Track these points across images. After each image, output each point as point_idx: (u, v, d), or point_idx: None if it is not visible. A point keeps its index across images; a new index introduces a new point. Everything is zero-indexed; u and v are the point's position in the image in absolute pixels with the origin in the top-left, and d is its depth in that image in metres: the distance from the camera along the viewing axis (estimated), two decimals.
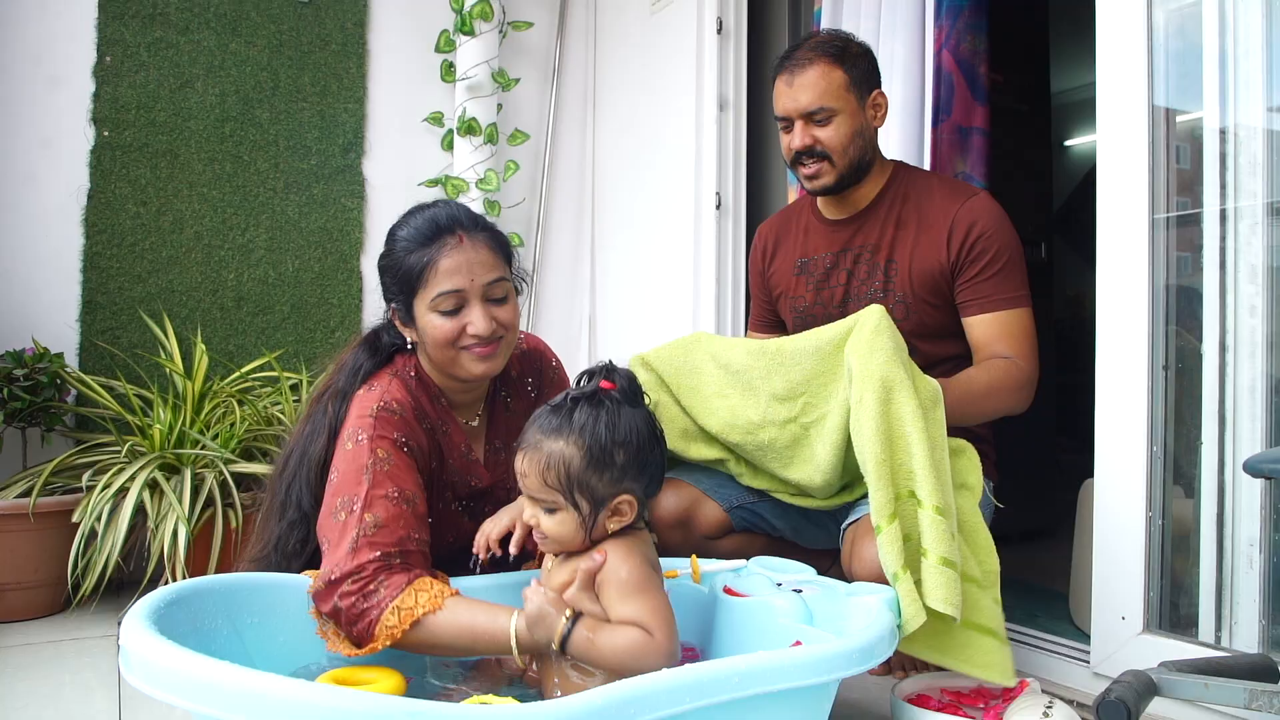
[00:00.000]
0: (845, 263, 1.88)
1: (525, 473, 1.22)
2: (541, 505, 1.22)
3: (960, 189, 1.82)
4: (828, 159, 1.79)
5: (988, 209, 1.76)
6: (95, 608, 2.24)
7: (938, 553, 1.31)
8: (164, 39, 2.70)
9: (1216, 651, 1.47)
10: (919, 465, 1.36)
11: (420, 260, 1.42)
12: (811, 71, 1.77)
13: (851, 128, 1.78)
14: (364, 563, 1.25)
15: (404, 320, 1.49)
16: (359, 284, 2.97)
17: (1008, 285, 1.72)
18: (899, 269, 1.80)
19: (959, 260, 1.75)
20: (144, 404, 2.46)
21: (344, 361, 1.54)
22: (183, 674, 0.91)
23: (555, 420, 1.21)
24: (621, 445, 1.20)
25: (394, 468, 1.37)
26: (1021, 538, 2.89)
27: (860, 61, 1.80)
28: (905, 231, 1.81)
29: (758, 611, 1.36)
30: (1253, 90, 1.52)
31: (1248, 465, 1.14)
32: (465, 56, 3.04)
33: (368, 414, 1.41)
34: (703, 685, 0.99)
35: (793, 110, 1.79)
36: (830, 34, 1.86)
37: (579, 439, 1.19)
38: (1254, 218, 1.51)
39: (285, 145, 2.88)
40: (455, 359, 1.45)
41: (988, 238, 1.73)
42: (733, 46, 2.80)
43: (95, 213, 2.61)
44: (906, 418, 1.38)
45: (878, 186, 1.86)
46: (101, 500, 2.10)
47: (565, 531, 1.22)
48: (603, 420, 1.20)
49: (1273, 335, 1.49)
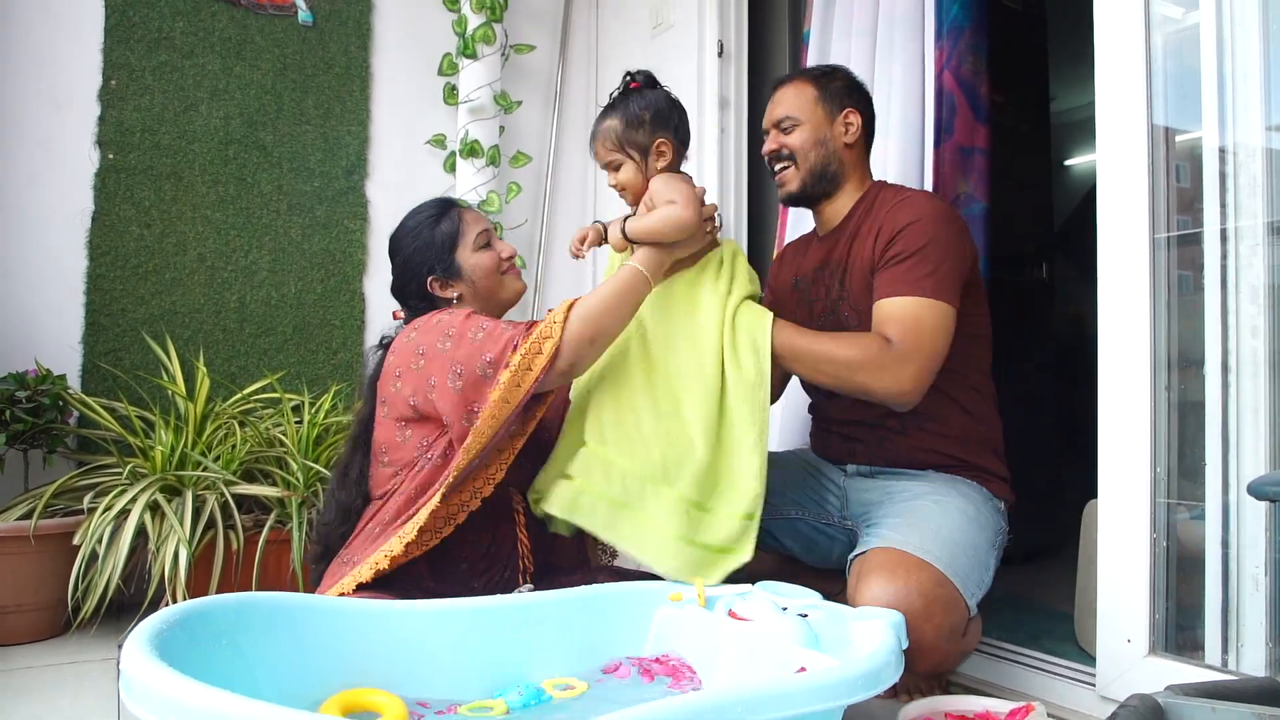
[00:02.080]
0: (824, 278, 1.90)
1: (596, 150, 1.77)
2: (612, 165, 1.76)
3: (903, 192, 1.84)
4: (793, 162, 1.88)
5: (915, 204, 1.77)
6: (95, 630, 2.23)
7: None
8: (169, 63, 2.72)
9: (1223, 675, 1.46)
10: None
11: (451, 224, 1.78)
12: (789, 88, 1.91)
13: (815, 136, 1.87)
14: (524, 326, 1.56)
15: (448, 278, 1.76)
16: (361, 306, 2.98)
17: (911, 273, 1.69)
18: (851, 280, 1.82)
19: (878, 256, 1.76)
20: (146, 425, 2.46)
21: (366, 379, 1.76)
22: (182, 703, 0.90)
23: (607, 110, 1.76)
24: (647, 109, 1.74)
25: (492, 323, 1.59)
26: (1026, 558, 2.87)
27: (838, 82, 1.90)
28: (858, 243, 1.83)
29: (762, 636, 1.35)
30: (1251, 110, 1.53)
31: (1252, 488, 1.14)
32: (468, 79, 3.06)
33: (443, 316, 1.62)
34: (704, 715, 0.98)
35: (768, 122, 1.93)
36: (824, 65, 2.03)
37: (620, 114, 1.74)
38: (1255, 238, 1.51)
39: (289, 168, 2.89)
40: (501, 283, 1.80)
41: (907, 230, 1.72)
42: (733, 69, 2.82)
43: (99, 235, 2.62)
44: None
45: (851, 202, 1.89)
46: (103, 522, 2.09)
47: (630, 176, 1.74)
48: (631, 99, 1.75)
49: (1274, 356, 1.48)
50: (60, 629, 2.27)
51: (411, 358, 1.61)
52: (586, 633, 1.45)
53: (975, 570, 1.60)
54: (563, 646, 1.43)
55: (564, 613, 1.45)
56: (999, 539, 1.74)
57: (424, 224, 1.78)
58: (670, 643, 1.46)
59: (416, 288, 1.77)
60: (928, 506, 1.68)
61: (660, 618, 1.48)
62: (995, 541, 1.72)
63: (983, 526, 1.69)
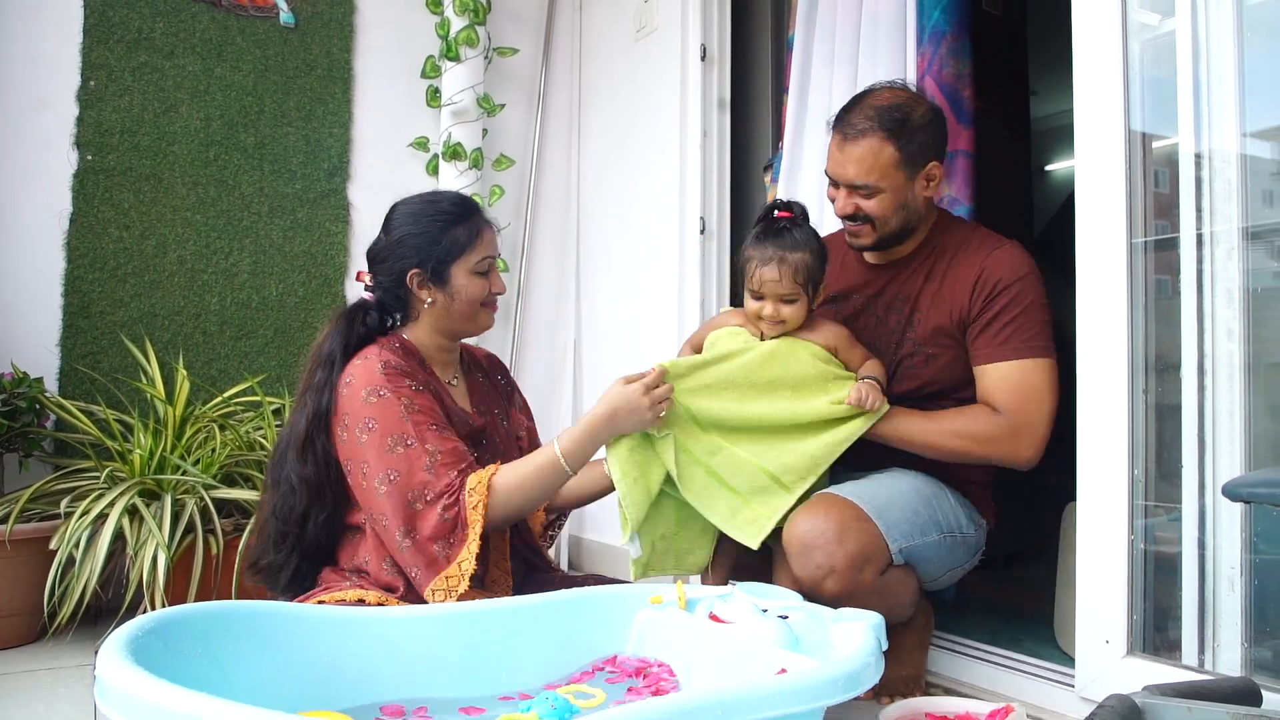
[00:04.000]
0: (877, 309, 1.88)
1: (779, 278, 1.69)
2: (784, 299, 1.71)
3: (989, 241, 1.81)
4: (870, 223, 1.78)
5: (1010, 260, 1.75)
6: (72, 636, 2.21)
7: None
8: (149, 63, 2.70)
9: (1200, 675, 1.47)
10: None
11: (470, 231, 1.67)
12: (863, 145, 1.73)
13: (895, 202, 1.75)
14: (450, 481, 1.52)
15: (429, 283, 1.67)
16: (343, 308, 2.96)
17: (1016, 337, 1.70)
18: (922, 319, 1.81)
19: (974, 311, 1.75)
20: (124, 429, 2.44)
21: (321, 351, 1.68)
22: (159, 705, 0.90)
23: (786, 241, 1.70)
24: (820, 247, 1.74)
25: (423, 405, 1.58)
26: (1007, 561, 2.89)
27: (919, 135, 1.74)
28: (933, 284, 1.81)
29: (743, 638, 1.35)
30: (1226, 116, 1.54)
31: (1226, 489, 1.15)
32: (450, 82, 3.06)
33: (376, 372, 1.58)
34: (685, 715, 0.98)
35: (840, 177, 1.78)
36: (895, 97, 1.76)
37: (807, 248, 1.71)
38: (1230, 242, 1.53)
39: (270, 169, 2.88)
40: (476, 315, 1.71)
41: (1004, 289, 1.72)
42: (716, 72, 2.82)
43: (78, 236, 2.59)
44: None
45: (919, 239, 1.86)
46: (80, 527, 2.07)
47: (798, 313, 1.73)
48: (808, 233, 1.74)
49: (1250, 359, 1.50)
50: (36, 635, 2.25)
51: (344, 417, 1.58)
52: (567, 636, 1.45)
53: (904, 523, 1.67)
54: (543, 650, 1.42)
55: (544, 616, 1.44)
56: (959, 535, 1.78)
57: (437, 218, 1.67)
58: (651, 645, 1.46)
59: (396, 270, 1.67)
60: (880, 477, 1.76)
61: (641, 620, 1.48)
62: (945, 527, 1.75)
63: (930, 504, 1.74)
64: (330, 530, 1.63)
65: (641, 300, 2.99)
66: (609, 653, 1.47)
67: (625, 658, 1.45)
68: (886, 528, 1.64)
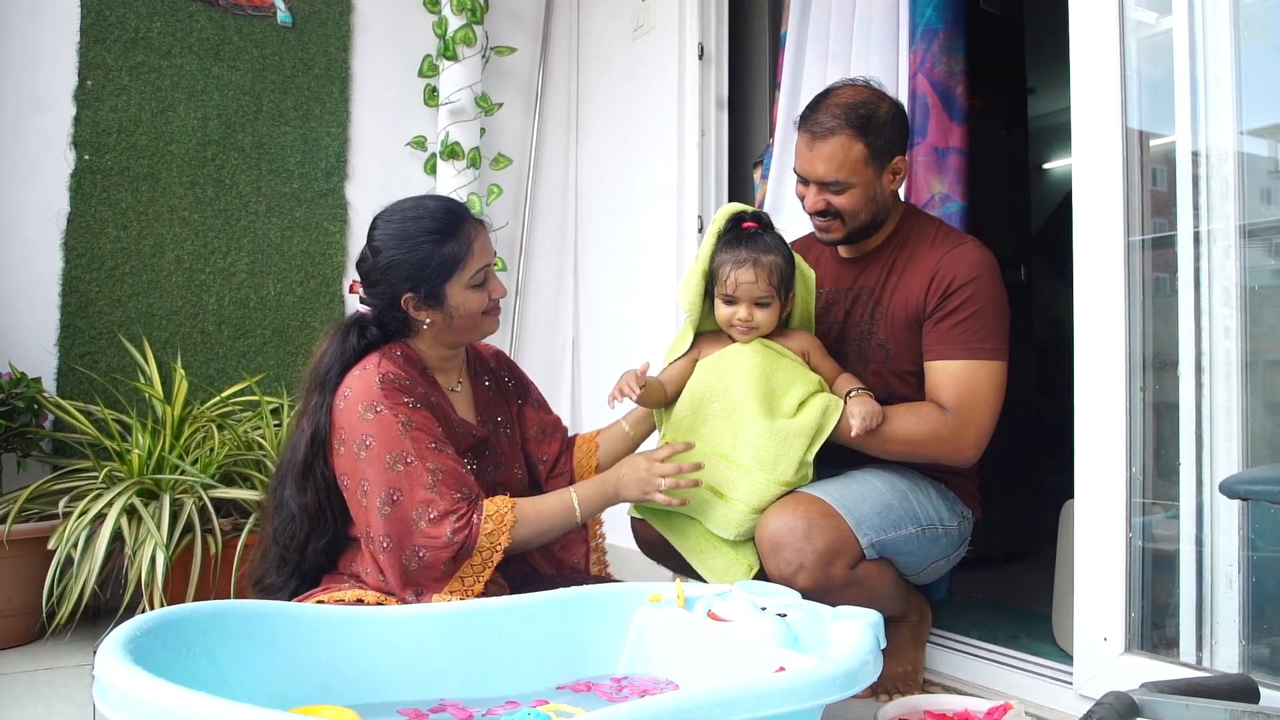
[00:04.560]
0: (845, 301, 1.91)
1: (755, 279, 1.69)
2: (759, 302, 1.71)
3: (950, 237, 1.83)
4: (840, 218, 1.80)
5: (968, 258, 1.76)
6: (70, 636, 2.21)
7: None
8: (146, 63, 2.70)
9: (1198, 672, 1.48)
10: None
11: (459, 248, 1.60)
12: (832, 142, 1.75)
13: (865, 195, 1.78)
14: (454, 502, 1.52)
15: (424, 305, 1.62)
16: (340, 308, 2.96)
17: (968, 336, 1.72)
18: (884, 312, 1.83)
19: (929, 307, 1.76)
20: (123, 429, 2.43)
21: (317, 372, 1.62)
22: (157, 705, 0.90)
23: (759, 245, 1.71)
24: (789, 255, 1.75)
25: (420, 421, 1.56)
26: (1005, 559, 2.89)
27: (885, 130, 1.76)
28: (894, 277, 1.83)
29: (741, 637, 1.35)
30: (1223, 114, 1.55)
31: (1224, 487, 1.15)
32: (448, 81, 3.05)
33: (373, 386, 1.54)
34: (684, 714, 0.98)
35: (809, 175, 1.80)
36: (859, 95, 1.78)
37: (779, 252, 1.72)
38: (1227, 240, 1.53)
39: (267, 169, 2.87)
40: (478, 324, 1.68)
41: (961, 287, 1.73)
42: (714, 71, 2.82)
43: (75, 236, 2.59)
44: None
45: (886, 232, 1.88)
46: (78, 527, 2.07)
47: (770, 318, 1.73)
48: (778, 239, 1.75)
49: (1247, 356, 1.50)
50: (35, 635, 2.25)
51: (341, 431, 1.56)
52: (566, 635, 1.45)
53: (875, 517, 1.68)
54: (542, 649, 1.42)
55: (542, 615, 1.45)
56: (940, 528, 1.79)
57: (423, 239, 1.59)
58: (649, 644, 1.46)
59: (388, 295, 1.61)
60: (855, 474, 1.77)
61: (639, 619, 1.48)
62: (923, 520, 1.76)
63: (906, 498, 1.75)
64: (330, 553, 1.63)
65: (640, 298, 2.99)
66: (608, 653, 1.47)
67: (635, 677, 1.45)
68: (856, 523, 1.65)
